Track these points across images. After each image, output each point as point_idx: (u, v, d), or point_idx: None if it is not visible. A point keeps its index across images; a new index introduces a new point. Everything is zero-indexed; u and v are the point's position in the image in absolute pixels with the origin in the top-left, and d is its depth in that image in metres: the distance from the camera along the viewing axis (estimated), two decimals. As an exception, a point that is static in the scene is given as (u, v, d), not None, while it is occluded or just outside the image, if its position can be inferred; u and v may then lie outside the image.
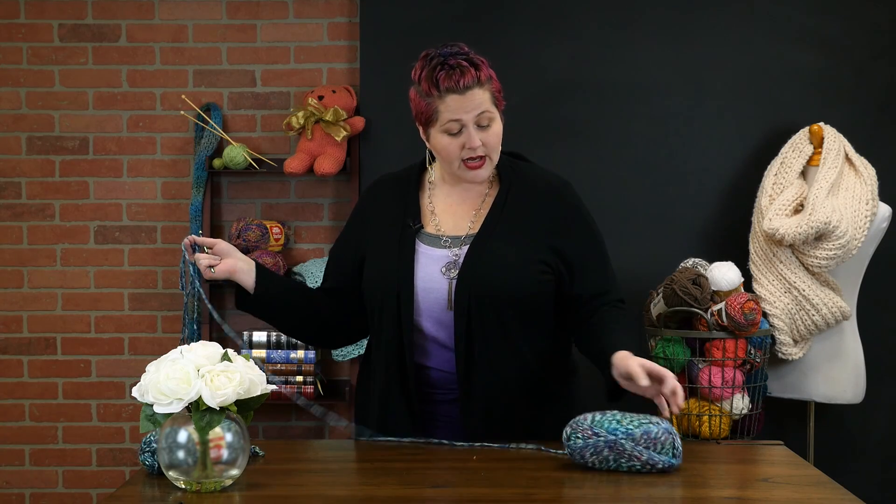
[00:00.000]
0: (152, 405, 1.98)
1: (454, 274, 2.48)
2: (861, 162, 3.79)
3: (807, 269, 3.71)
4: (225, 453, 2.02)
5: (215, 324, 4.33)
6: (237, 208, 4.38)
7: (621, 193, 4.14)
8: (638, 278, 3.91)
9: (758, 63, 4.15)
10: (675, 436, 2.15)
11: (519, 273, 2.48)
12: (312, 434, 4.38)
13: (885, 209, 3.79)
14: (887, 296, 4.11)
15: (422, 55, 2.48)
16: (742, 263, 3.76)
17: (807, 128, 3.86)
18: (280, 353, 4.16)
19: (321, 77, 4.35)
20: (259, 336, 4.17)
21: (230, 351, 2.04)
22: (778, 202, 3.72)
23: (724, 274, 3.60)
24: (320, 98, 4.18)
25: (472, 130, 2.44)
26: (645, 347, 3.73)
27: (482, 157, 2.47)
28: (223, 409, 1.98)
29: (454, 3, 4.20)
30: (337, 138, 4.14)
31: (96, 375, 4.40)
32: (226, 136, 4.29)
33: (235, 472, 2.04)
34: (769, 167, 3.87)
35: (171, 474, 2.02)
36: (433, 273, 2.49)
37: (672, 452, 2.13)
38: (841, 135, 3.82)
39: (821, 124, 3.83)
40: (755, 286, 3.75)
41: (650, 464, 2.11)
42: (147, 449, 2.18)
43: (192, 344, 2.05)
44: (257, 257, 4.10)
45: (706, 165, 4.15)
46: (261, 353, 4.15)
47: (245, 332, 4.17)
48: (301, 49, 4.35)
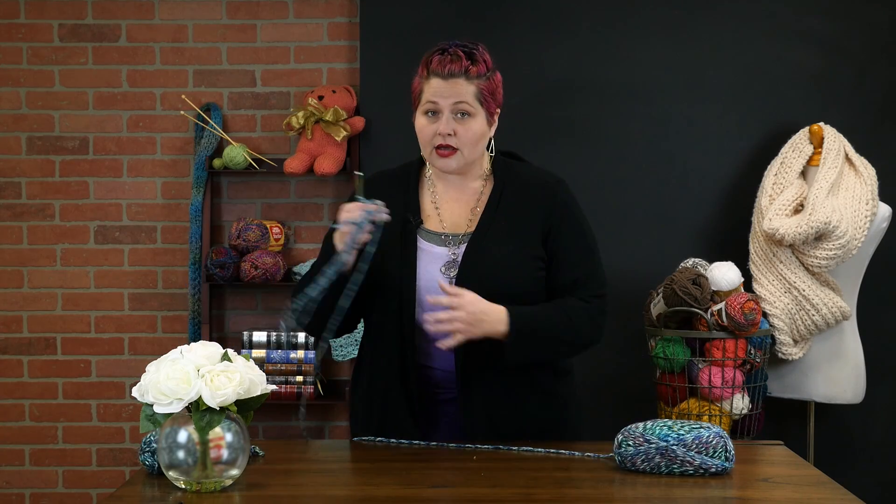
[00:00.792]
0: (152, 405, 1.98)
1: (454, 273, 2.49)
2: (861, 162, 3.79)
3: (807, 269, 3.71)
4: (225, 453, 2.02)
5: (215, 324, 4.34)
6: (237, 208, 4.38)
7: (621, 193, 4.14)
8: (638, 278, 3.92)
9: (758, 63, 4.15)
10: (727, 439, 2.17)
11: (517, 271, 2.49)
12: (313, 434, 4.38)
13: (885, 209, 3.79)
14: (887, 296, 4.11)
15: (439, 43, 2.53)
16: (742, 263, 3.76)
17: (807, 128, 3.86)
18: (280, 353, 4.16)
19: (321, 77, 4.35)
20: (259, 336, 4.16)
21: (230, 351, 2.05)
22: (778, 202, 3.72)
23: (724, 274, 3.61)
24: (320, 98, 4.18)
25: (447, 116, 2.46)
26: (645, 347, 3.74)
27: (452, 148, 2.48)
28: (223, 409, 1.98)
29: (454, 3, 4.20)
30: (337, 138, 4.14)
31: (96, 375, 4.40)
32: (226, 136, 4.29)
33: (235, 472, 2.04)
34: (769, 167, 3.87)
35: (171, 474, 2.02)
36: (434, 272, 2.50)
37: (724, 456, 2.15)
38: (841, 135, 3.82)
39: (821, 124, 3.83)
40: (755, 286, 3.75)
41: (703, 468, 2.13)
42: (147, 449, 2.18)
43: (192, 344, 2.05)
44: (257, 257, 4.11)
45: (706, 165, 4.15)
46: (261, 353, 4.14)
47: (245, 332, 4.17)
48: (301, 49, 4.35)
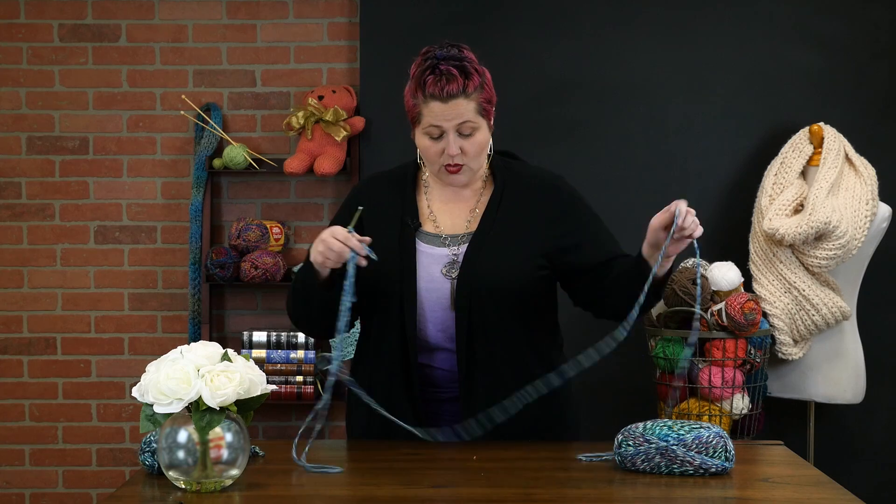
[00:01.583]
0: (152, 405, 1.98)
1: (455, 274, 2.48)
2: (861, 162, 3.79)
3: (807, 269, 3.71)
4: (225, 453, 2.02)
5: (215, 324, 4.34)
6: (237, 208, 4.38)
7: (621, 193, 4.13)
8: (638, 278, 3.91)
9: (758, 63, 4.15)
10: (727, 439, 2.16)
11: (518, 272, 2.49)
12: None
13: (885, 209, 3.79)
14: (887, 296, 4.11)
15: (422, 51, 2.48)
16: (742, 263, 3.76)
17: (807, 128, 3.86)
18: (280, 353, 4.15)
19: (321, 77, 4.35)
20: (259, 336, 4.16)
21: (230, 351, 2.05)
22: (778, 202, 3.72)
23: (724, 274, 3.61)
24: (320, 98, 4.18)
25: (452, 137, 2.43)
26: (645, 347, 3.74)
27: (459, 165, 2.48)
28: (223, 409, 1.98)
29: (454, 3, 4.20)
30: (337, 138, 4.14)
31: (96, 375, 4.40)
32: (226, 136, 4.29)
33: (235, 472, 2.04)
34: (769, 167, 3.87)
35: (171, 474, 2.02)
36: (434, 273, 2.50)
37: (725, 456, 2.14)
38: (841, 135, 3.81)
39: (821, 124, 3.83)
40: (755, 286, 3.75)
41: (703, 468, 2.13)
42: (147, 449, 2.18)
43: (192, 344, 2.05)
44: (257, 257, 4.10)
45: (706, 165, 4.15)
46: (261, 354, 4.14)
47: (245, 332, 4.17)
48: (301, 49, 4.35)
